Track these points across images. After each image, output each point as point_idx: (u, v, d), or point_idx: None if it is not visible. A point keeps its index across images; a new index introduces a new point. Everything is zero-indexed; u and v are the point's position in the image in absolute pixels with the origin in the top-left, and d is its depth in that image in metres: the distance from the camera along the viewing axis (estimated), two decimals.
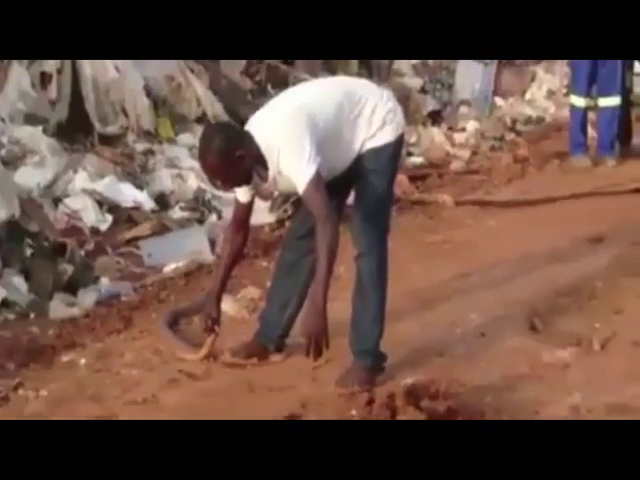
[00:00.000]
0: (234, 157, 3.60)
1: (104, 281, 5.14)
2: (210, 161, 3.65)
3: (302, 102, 3.73)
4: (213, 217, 6.13)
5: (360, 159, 3.84)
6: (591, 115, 7.70)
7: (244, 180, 3.75)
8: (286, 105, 3.77)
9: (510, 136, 8.61)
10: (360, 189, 3.89)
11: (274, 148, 3.63)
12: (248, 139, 3.66)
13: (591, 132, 7.71)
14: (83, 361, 4.26)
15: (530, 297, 4.76)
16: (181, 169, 6.66)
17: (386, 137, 3.85)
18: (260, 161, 3.67)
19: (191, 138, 7.08)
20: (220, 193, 6.33)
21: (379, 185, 3.85)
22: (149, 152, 6.79)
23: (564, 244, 5.51)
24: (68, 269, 5.12)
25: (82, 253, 5.38)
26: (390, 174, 3.92)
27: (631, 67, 7.62)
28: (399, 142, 3.93)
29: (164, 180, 6.44)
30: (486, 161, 7.83)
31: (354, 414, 3.44)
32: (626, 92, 7.60)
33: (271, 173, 3.70)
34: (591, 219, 5.98)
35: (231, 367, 4.10)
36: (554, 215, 6.18)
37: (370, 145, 3.82)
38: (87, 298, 4.96)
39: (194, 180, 6.47)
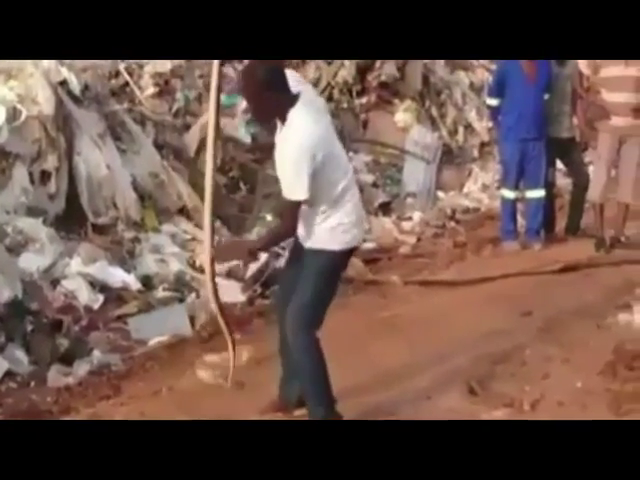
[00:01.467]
0: (266, 94, 3.52)
1: (96, 353, 5.14)
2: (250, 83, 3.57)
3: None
4: (192, 296, 6.11)
5: (307, 252, 3.78)
6: (520, 205, 7.79)
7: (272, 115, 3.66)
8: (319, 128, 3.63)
9: (450, 224, 8.62)
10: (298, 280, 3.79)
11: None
12: (287, 94, 3.56)
13: (520, 220, 7.78)
14: None
15: (469, 364, 4.82)
16: (164, 254, 6.65)
17: (331, 243, 3.72)
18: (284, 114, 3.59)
19: (173, 227, 7.10)
20: (199, 275, 6.37)
21: (311, 283, 3.74)
22: (136, 240, 6.78)
23: (498, 317, 5.57)
24: (64, 343, 5.12)
25: (77, 328, 5.38)
26: (319, 279, 3.73)
27: (554, 164, 7.76)
28: (344, 254, 3.77)
29: (149, 264, 6.44)
30: (430, 246, 7.83)
31: None
32: (549, 185, 7.73)
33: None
34: (521, 295, 6.05)
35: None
36: (489, 292, 6.23)
37: (316, 244, 3.73)
38: (81, 368, 4.96)
39: (176, 264, 6.47)
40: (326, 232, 3.74)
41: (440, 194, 9.53)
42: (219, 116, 3.77)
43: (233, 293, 6.03)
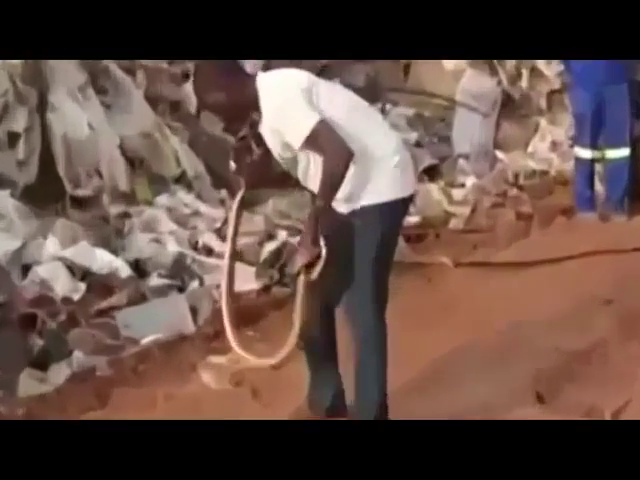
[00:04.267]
0: (230, 84, 3.78)
1: (77, 355, 5.16)
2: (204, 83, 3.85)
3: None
4: (195, 284, 6.12)
5: (352, 216, 3.85)
6: (598, 168, 7.75)
7: (234, 118, 4.00)
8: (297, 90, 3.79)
9: (512, 192, 8.63)
10: (350, 253, 3.85)
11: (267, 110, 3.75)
12: (249, 82, 3.80)
13: (599, 186, 7.77)
14: None
15: (535, 365, 4.79)
16: (159, 233, 6.69)
17: (380, 195, 3.82)
18: (253, 108, 3.80)
19: (170, 200, 7.12)
20: (202, 258, 6.38)
21: (367, 250, 3.82)
22: (125, 215, 6.82)
23: (571, 307, 5.53)
24: (38, 342, 5.15)
25: (53, 325, 5.39)
26: (382, 240, 3.84)
27: None
28: (398, 206, 3.86)
29: (141, 245, 6.47)
30: (487, 219, 7.84)
31: None
32: (635, 142, 7.65)
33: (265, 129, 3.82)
34: (599, 280, 6.01)
35: None
36: (560, 276, 6.19)
37: (364, 202, 3.82)
38: (59, 373, 4.98)
39: (173, 245, 6.50)
40: (369, 184, 3.80)
41: (499, 154, 9.49)
42: None
43: (244, 279, 6.02)
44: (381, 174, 3.81)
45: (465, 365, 4.85)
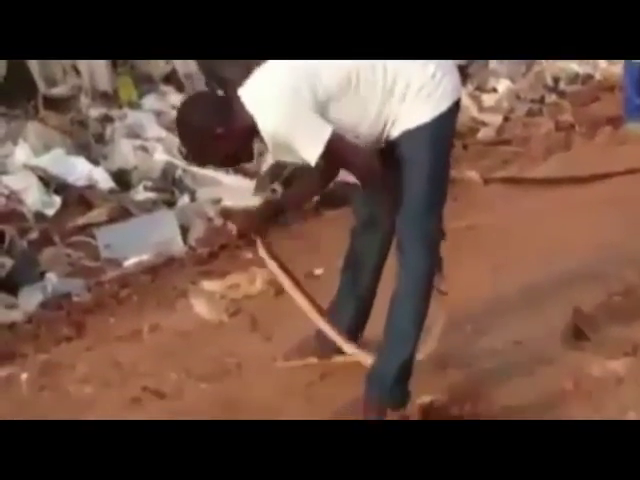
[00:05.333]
0: (214, 135, 3.63)
1: (51, 278, 5.18)
2: (188, 141, 3.75)
3: (303, 65, 3.70)
4: (185, 199, 6.15)
5: (392, 147, 3.81)
6: None
7: (233, 160, 3.84)
8: (282, 78, 3.70)
9: (551, 98, 8.64)
10: (398, 184, 3.83)
11: (269, 133, 3.66)
12: (238, 111, 3.67)
13: None
14: (24, 376, 4.29)
15: (575, 297, 4.74)
16: (146, 140, 6.71)
17: (421, 116, 3.78)
18: (252, 136, 3.70)
19: (158, 101, 7.09)
20: (194, 169, 6.35)
21: (418, 179, 3.80)
22: (106, 119, 6.84)
23: (617, 231, 5.50)
24: (7, 263, 5.16)
25: (24, 243, 5.43)
26: (433, 162, 3.81)
27: None
28: (442, 121, 3.81)
29: (125, 153, 6.48)
30: (521, 129, 7.85)
31: None
32: None
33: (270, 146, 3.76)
34: None
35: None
36: (605, 195, 6.17)
37: (401, 127, 3.78)
38: (30, 299, 5.00)
39: (161, 153, 6.51)
40: (409, 106, 3.77)
41: None
42: None
43: (242, 195, 6.00)
44: (419, 91, 3.78)
45: (493, 295, 4.83)
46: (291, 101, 3.60)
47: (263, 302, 4.79)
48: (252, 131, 3.66)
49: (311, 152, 3.60)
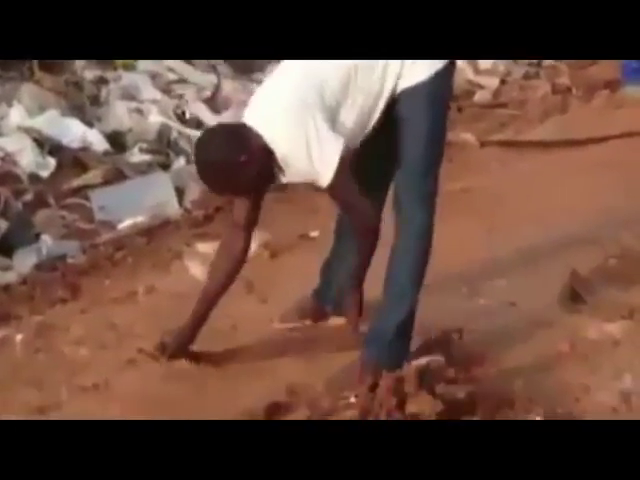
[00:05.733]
0: (238, 163, 3.65)
1: (46, 239, 5.18)
2: (212, 176, 3.73)
3: (305, 75, 3.72)
4: (180, 161, 6.14)
5: (391, 107, 3.81)
6: None
7: (258, 185, 3.82)
8: (288, 91, 3.73)
9: (548, 60, 8.55)
10: (396, 144, 3.85)
11: (282, 148, 3.68)
12: (250, 136, 3.69)
13: None
14: (20, 337, 4.29)
15: (571, 259, 4.73)
16: (141, 102, 6.69)
17: (419, 74, 3.78)
18: (270, 156, 3.71)
19: (153, 63, 7.06)
20: (190, 131, 6.34)
21: (415, 136, 3.81)
22: (101, 80, 6.81)
23: (615, 194, 5.50)
24: (1, 225, 5.15)
25: (18, 205, 5.42)
26: (430, 121, 3.82)
27: None
28: (439, 79, 3.82)
29: (119, 115, 6.46)
30: (518, 92, 7.83)
31: (353, 402, 3.45)
32: None
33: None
34: None
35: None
36: (603, 159, 6.16)
37: (400, 87, 3.79)
38: (25, 261, 5.01)
39: (157, 115, 6.50)
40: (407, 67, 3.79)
41: None
42: None
43: None
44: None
45: (488, 258, 4.84)
46: (300, 112, 3.62)
47: (258, 265, 4.77)
48: (269, 151, 3.68)
49: (326, 167, 3.62)
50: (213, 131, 3.97)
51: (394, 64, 3.73)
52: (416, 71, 3.76)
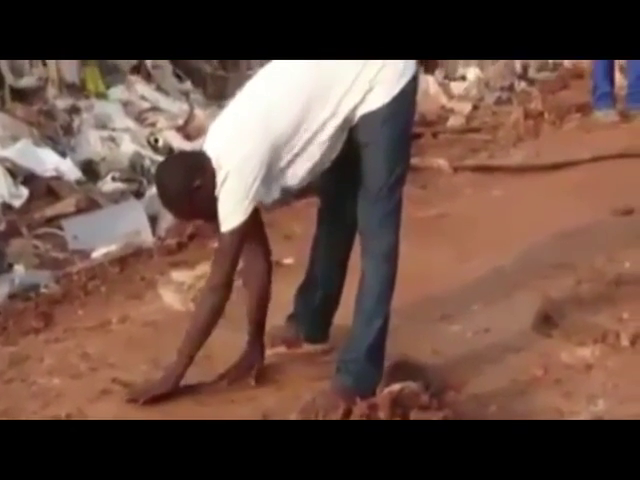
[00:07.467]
0: (192, 189, 3.76)
1: (18, 269, 5.17)
2: (169, 201, 3.89)
3: (260, 113, 3.78)
4: (153, 189, 6.08)
5: (352, 132, 3.84)
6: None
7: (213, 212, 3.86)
8: (242, 123, 3.84)
9: (520, 86, 8.65)
10: (357, 169, 3.87)
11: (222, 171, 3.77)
12: (206, 162, 3.81)
13: (619, 79, 7.75)
14: None
15: (543, 284, 4.78)
16: (113, 130, 6.69)
17: (378, 99, 3.80)
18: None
19: (125, 92, 7.07)
20: (161, 159, 6.35)
21: (375, 160, 3.84)
22: (73, 110, 6.79)
23: (585, 218, 5.51)
24: None
25: None
26: (389, 143, 3.84)
27: None
28: (401, 98, 3.85)
29: (92, 144, 6.47)
30: (491, 117, 7.87)
31: None
32: None
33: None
34: (618, 187, 5.99)
35: None
36: (573, 183, 6.19)
37: (360, 112, 3.81)
38: None
39: (129, 144, 6.50)
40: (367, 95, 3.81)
41: None
42: None
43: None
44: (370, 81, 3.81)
45: (462, 284, 4.84)
46: (247, 146, 3.73)
47: (232, 293, 4.76)
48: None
49: (229, 222, 3.75)
50: (170, 158, 4.17)
51: (354, 92, 3.75)
52: (376, 96, 3.78)
